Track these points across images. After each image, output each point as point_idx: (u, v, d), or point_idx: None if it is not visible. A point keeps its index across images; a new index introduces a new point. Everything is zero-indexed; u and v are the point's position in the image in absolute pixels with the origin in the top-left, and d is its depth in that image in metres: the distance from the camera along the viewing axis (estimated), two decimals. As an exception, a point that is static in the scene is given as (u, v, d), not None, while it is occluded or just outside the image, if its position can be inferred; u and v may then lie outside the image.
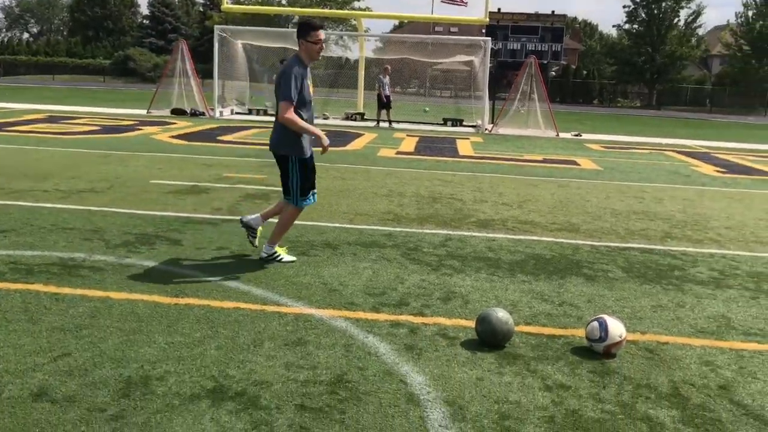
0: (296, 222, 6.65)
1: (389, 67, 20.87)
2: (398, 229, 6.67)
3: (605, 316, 3.88)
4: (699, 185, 11.02)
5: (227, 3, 23.57)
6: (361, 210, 7.51)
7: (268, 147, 5.45)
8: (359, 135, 16.98)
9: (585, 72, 59.32)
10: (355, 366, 3.50)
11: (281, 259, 5.30)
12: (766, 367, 3.79)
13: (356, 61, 25.24)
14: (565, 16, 63.45)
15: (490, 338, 3.85)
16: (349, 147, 14.08)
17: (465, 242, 6.29)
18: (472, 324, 4.14)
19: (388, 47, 25.34)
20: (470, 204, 8.24)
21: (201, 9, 72.78)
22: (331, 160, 11.59)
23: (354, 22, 64.94)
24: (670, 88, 56.70)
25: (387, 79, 20.30)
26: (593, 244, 6.47)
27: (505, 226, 7.08)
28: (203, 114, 20.28)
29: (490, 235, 6.64)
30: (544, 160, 13.50)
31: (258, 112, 21.93)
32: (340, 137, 16.04)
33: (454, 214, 7.54)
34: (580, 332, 4.12)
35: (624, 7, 55.89)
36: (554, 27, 54.69)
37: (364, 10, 63.40)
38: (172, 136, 14.17)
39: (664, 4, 53.83)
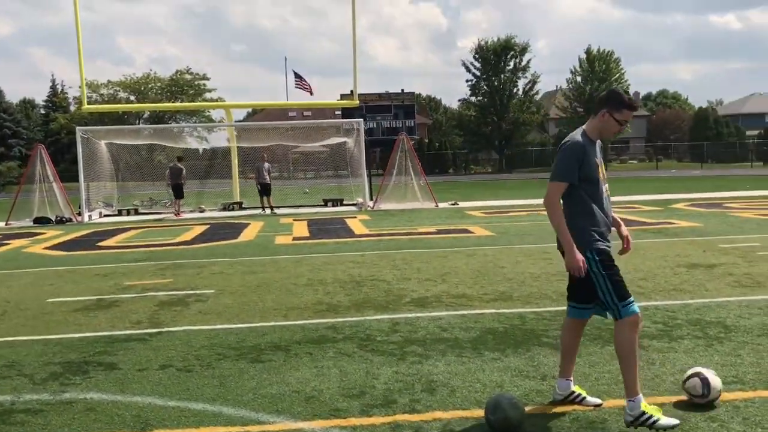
0: (231, 326, 6.26)
1: (266, 155, 20.72)
2: (339, 320, 6.37)
3: (702, 371, 3.99)
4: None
5: (86, 104, 22.65)
6: (290, 304, 7.14)
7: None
8: (246, 225, 16.52)
9: (437, 144, 62.10)
10: (379, 481, 3.17)
11: (658, 423, 3.61)
12: (763, 413, 3.85)
13: (219, 151, 24.96)
14: (414, 93, 66.74)
15: (502, 425, 3.65)
16: (242, 238, 13.61)
17: (414, 325, 6.11)
18: (472, 414, 3.94)
19: (252, 134, 25.17)
20: (395, 283, 8.10)
21: (43, 111, 69.48)
22: (231, 254, 11.14)
23: (207, 113, 64.67)
24: (517, 152, 60.50)
25: (267, 165, 20.11)
26: (534, 311, 6.50)
27: (443, 302, 6.98)
28: (70, 220, 18.99)
29: (434, 314, 6.50)
30: (439, 231, 13.71)
31: (128, 212, 20.87)
32: (228, 229, 15.54)
33: (386, 296, 7.36)
34: (578, 407, 4.03)
35: (467, 81, 59.58)
36: (405, 104, 57.28)
37: (217, 100, 63.32)
38: (47, 248, 13.05)
39: (503, 76, 57.92)
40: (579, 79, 58.81)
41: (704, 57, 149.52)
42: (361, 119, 22.32)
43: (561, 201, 3.87)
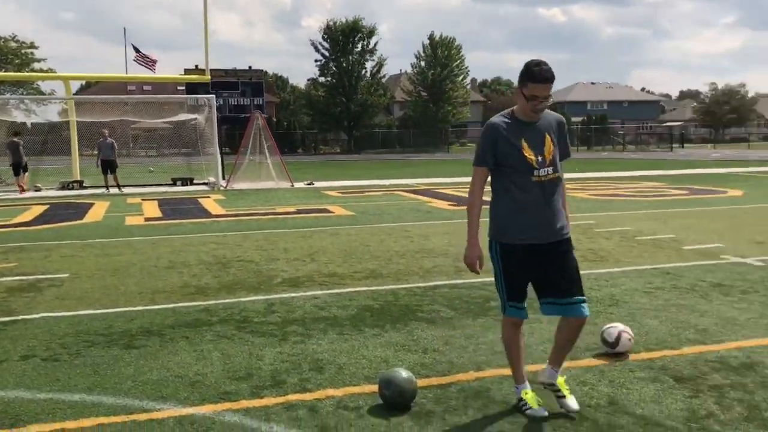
0: (94, 311, 5.92)
1: (107, 131, 19.50)
2: (212, 302, 6.20)
3: (623, 330, 4.59)
4: (445, 219, 12.00)
5: None
6: (155, 287, 6.83)
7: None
8: (90, 204, 15.51)
9: (285, 123, 61.51)
10: (283, 461, 3.15)
11: (528, 411, 3.63)
12: (625, 374, 4.23)
13: (53, 126, 23.24)
14: (263, 71, 65.51)
15: (397, 399, 3.74)
16: (89, 219, 12.78)
17: (290, 305, 6.07)
18: (363, 389, 4.01)
19: (91, 109, 23.58)
20: (264, 264, 7.99)
21: None
22: (79, 236, 10.45)
23: (35, 85, 59.63)
24: (365, 134, 61.38)
25: (110, 141, 18.95)
26: (405, 287, 6.68)
27: (315, 282, 6.98)
28: None
29: (309, 293, 6.50)
30: (299, 211, 13.65)
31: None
32: (71, 209, 14.53)
33: (257, 277, 7.24)
34: (462, 376, 4.22)
35: (316, 61, 59.39)
36: (254, 82, 56.15)
37: (47, 71, 58.62)
38: None
39: (351, 58, 58.32)
40: (423, 64, 60.52)
41: (533, 47, 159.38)
42: (213, 95, 21.60)
43: (493, 188, 3.70)
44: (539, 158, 3.55)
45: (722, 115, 73.04)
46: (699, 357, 4.53)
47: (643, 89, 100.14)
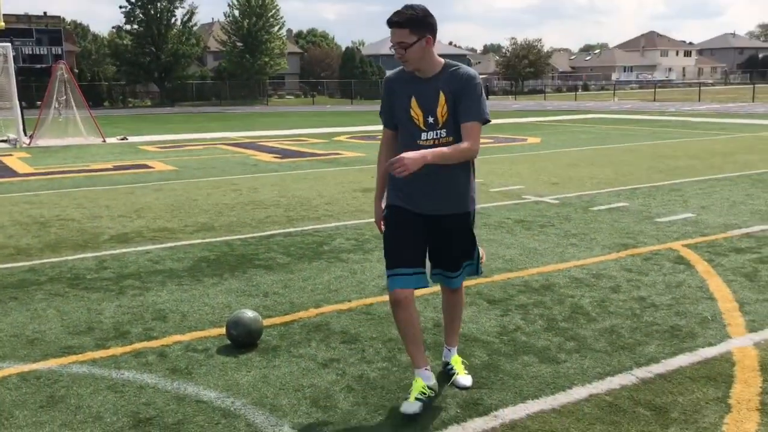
0: None
1: None
2: (36, 262, 5.97)
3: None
4: (272, 172, 12.14)
5: None
6: (-33, 251, 6.42)
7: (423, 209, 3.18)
8: None
9: (89, 75, 57.29)
10: (139, 403, 3.29)
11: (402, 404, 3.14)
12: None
13: None
14: (61, 18, 60.17)
15: (246, 339, 3.97)
16: None
17: (122, 260, 6.01)
18: (210, 333, 4.20)
19: None
20: (87, 222, 7.72)
21: None
22: None
23: None
24: (178, 86, 58.79)
25: None
26: (239, 238, 6.84)
27: (145, 237, 6.92)
28: None
29: (140, 248, 6.45)
30: (116, 168, 13.09)
31: None
32: None
33: (81, 235, 7.02)
34: (303, 314, 4.54)
35: (121, 7, 55.52)
36: (51, 29, 51.47)
37: None
38: None
39: (159, 5, 55.19)
40: (237, 13, 58.79)
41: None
42: (9, 44, 19.70)
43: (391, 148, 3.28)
44: (429, 119, 3.09)
45: (521, 69, 78.39)
46: (507, 282, 5.18)
47: (450, 43, 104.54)
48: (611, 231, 6.84)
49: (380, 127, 3.43)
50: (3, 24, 19.73)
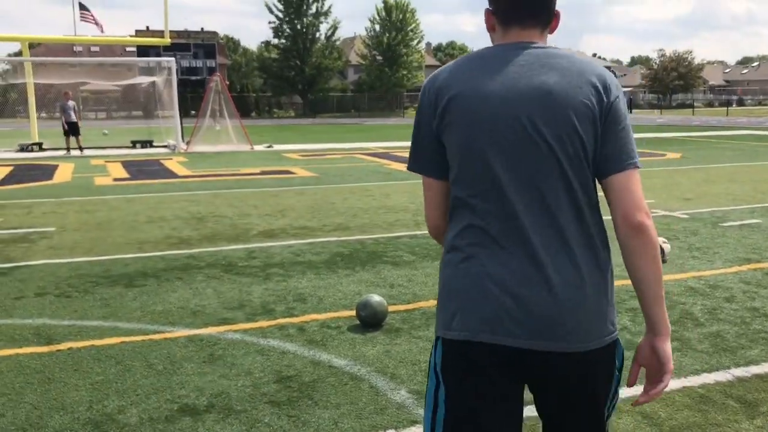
0: (90, 258, 6.50)
1: (70, 92, 19.60)
2: (196, 251, 6.84)
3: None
4: (403, 180, 12.75)
5: None
6: (140, 239, 7.43)
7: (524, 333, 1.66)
8: (55, 166, 15.78)
9: (238, 87, 61.18)
10: (282, 364, 3.89)
11: None
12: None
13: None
14: (215, 33, 64.78)
15: (371, 320, 4.51)
16: (58, 180, 13.14)
17: (268, 252, 6.76)
18: (342, 314, 4.76)
19: (45, 70, 23.54)
20: (238, 219, 8.63)
21: None
22: (54, 195, 10.89)
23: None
24: (320, 98, 61.48)
25: (72, 104, 19.11)
26: (371, 237, 7.43)
27: (289, 233, 7.68)
28: None
29: (284, 243, 7.19)
30: (263, 172, 14.22)
31: None
32: (37, 170, 14.82)
33: (233, 230, 7.89)
34: (424, 303, 5.01)
35: (270, 23, 58.94)
36: (206, 44, 55.69)
37: (-10, 30, 56.87)
38: None
39: (305, 20, 58.06)
40: (377, 28, 60.63)
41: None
42: (173, 59, 21.78)
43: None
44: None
45: (669, 82, 75.16)
46: (621, 288, 5.37)
47: (594, 55, 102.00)
48: (737, 246, 6.81)
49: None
50: (169, 41, 21.80)
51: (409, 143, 1.79)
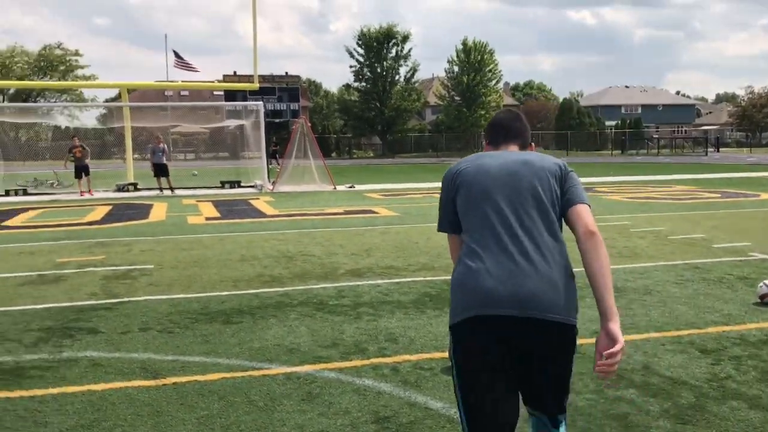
0: (188, 295, 6.76)
1: (161, 137, 20.63)
2: (288, 289, 7.02)
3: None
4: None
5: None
6: (234, 276, 7.69)
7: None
8: (150, 205, 16.55)
9: (320, 128, 62.70)
10: (378, 405, 3.94)
11: None
12: (655, 348, 4.94)
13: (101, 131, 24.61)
14: (298, 77, 66.90)
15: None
16: (153, 218, 13.77)
17: (357, 291, 6.87)
18: (434, 356, 4.78)
19: (140, 114, 24.87)
20: (326, 258, 8.81)
21: None
22: (151, 233, 11.40)
23: (78, 92, 61.67)
24: (399, 138, 62.29)
25: (162, 146, 20.09)
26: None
27: (375, 273, 7.78)
28: (-48, 200, 18.12)
29: (371, 282, 7.29)
30: (346, 212, 14.48)
31: (16, 193, 20.17)
32: (134, 209, 15.57)
33: (322, 269, 8.06)
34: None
35: (350, 67, 60.46)
36: (290, 87, 57.58)
37: (90, 77, 60.65)
38: (-55, 228, 12.65)
39: (385, 63, 59.26)
40: (456, 69, 61.17)
41: (563, 50, 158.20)
42: (261, 102, 22.65)
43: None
44: None
45: (759, 119, 72.40)
46: (722, 335, 5.22)
47: (678, 93, 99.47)
48: None
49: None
50: (257, 86, 22.70)
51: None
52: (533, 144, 2.77)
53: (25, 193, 20.36)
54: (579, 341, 2.54)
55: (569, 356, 2.44)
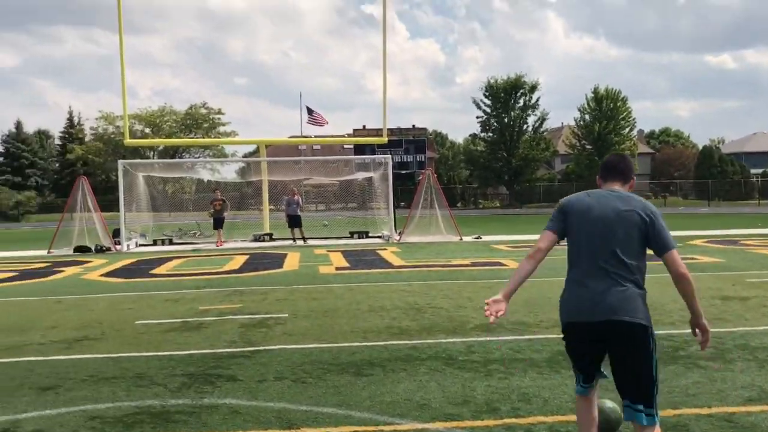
0: (320, 345, 6.90)
1: (296, 190, 21.54)
2: (417, 342, 7.01)
3: None
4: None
5: (128, 138, 23.78)
6: (363, 327, 7.79)
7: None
8: (284, 255, 17.20)
9: (446, 179, 63.07)
10: (513, 468, 3.80)
11: None
12: (824, 420, 4.48)
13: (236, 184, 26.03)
14: (425, 129, 68.01)
15: (604, 426, 4.28)
16: (287, 268, 14.28)
17: (487, 347, 6.74)
18: (569, 418, 4.58)
19: (276, 168, 26.13)
20: (454, 311, 8.74)
21: (59, 142, 70.58)
22: (285, 282, 11.80)
23: (219, 147, 65.70)
24: (526, 188, 61.47)
25: (297, 198, 20.95)
26: (592, 336, 7.13)
27: (506, 328, 7.62)
28: (109, 249, 19.65)
29: (502, 338, 7.14)
30: (473, 264, 14.36)
31: (162, 242, 21.63)
32: (268, 259, 16.22)
33: (450, 322, 8.00)
34: (662, 412, 4.65)
35: (477, 117, 60.74)
36: (417, 140, 58.60)
37: (230, 134, 64.51)
38: (102, 275, 13.72)
39: (512, 114, 59.08)
40: (587, 117, 59.92)
41: (701, 95, 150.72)
42: (389, 156, 23.19)
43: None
44: None
45: None
46: None
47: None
48: None
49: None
50: (386, 139, 23.29)
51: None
52: (634, 179, 3.77)
53: (171, 242, 21.76)
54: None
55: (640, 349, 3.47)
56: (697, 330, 3.52)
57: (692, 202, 59.47)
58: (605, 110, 58.67)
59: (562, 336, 3.76)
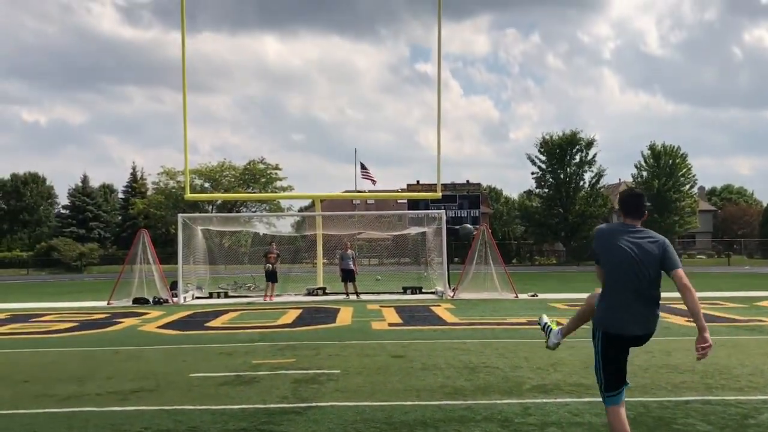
0: (373, 403, 6.80)
1: (349, 244, 21.66)
2: (471, 402, 6.85)
3: None
4: (684, 336, 11.73)
5: (189, 193, 24.47)
6: (416, 386, 7.65)
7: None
8: (337, 309, 17.20)
9: (500, 234, 62.50)
10: None
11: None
12: None
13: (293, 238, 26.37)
14: (479, 184, 67.90)
15: None
16: (339, 323, 14.25)
17: (544, 410, 6.54)
18: (633, 488, 4.35)
19: (329, 222, 26.41)
20: (509, 371, 8.53)
21: (122, 196, 73.13)
22: (337, 337, 11.76)
23: (276, 201, 66.89)
24: (584, 245, 60.35)
25: (350, 253, 21.04)
26: (655, 400, 6.86)
27: (563, 390, 7.38)
28: (166, 301, 20.03)
29: (559, 400, 6.92)
30: (530, 322, 14.04)
31: (218, 295, 21.92)
32: (322, 313, 16.23)
33: (506, 383, 7.80)
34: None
35: (532, 173, 60.43)
36: (471, 195, 58.52)
37: (287, 189, 65.67)
38: (159, 327, 13.95)
39: (569, 170, 58.59)
40: (645, 174, 58.98)
41: (763, 151, 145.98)
42: (443, 211, 23.19)
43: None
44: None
45: None
46: None
47: None
48: None
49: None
50: (440, 195, 23.35)
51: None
52: (647, 213, 4.89)
53: (226, 295, 22.04)
54: None
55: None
56: (699, 341, 4.45)
57: (758, 261, 57.34)
58: (664, 166, 57.72)
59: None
